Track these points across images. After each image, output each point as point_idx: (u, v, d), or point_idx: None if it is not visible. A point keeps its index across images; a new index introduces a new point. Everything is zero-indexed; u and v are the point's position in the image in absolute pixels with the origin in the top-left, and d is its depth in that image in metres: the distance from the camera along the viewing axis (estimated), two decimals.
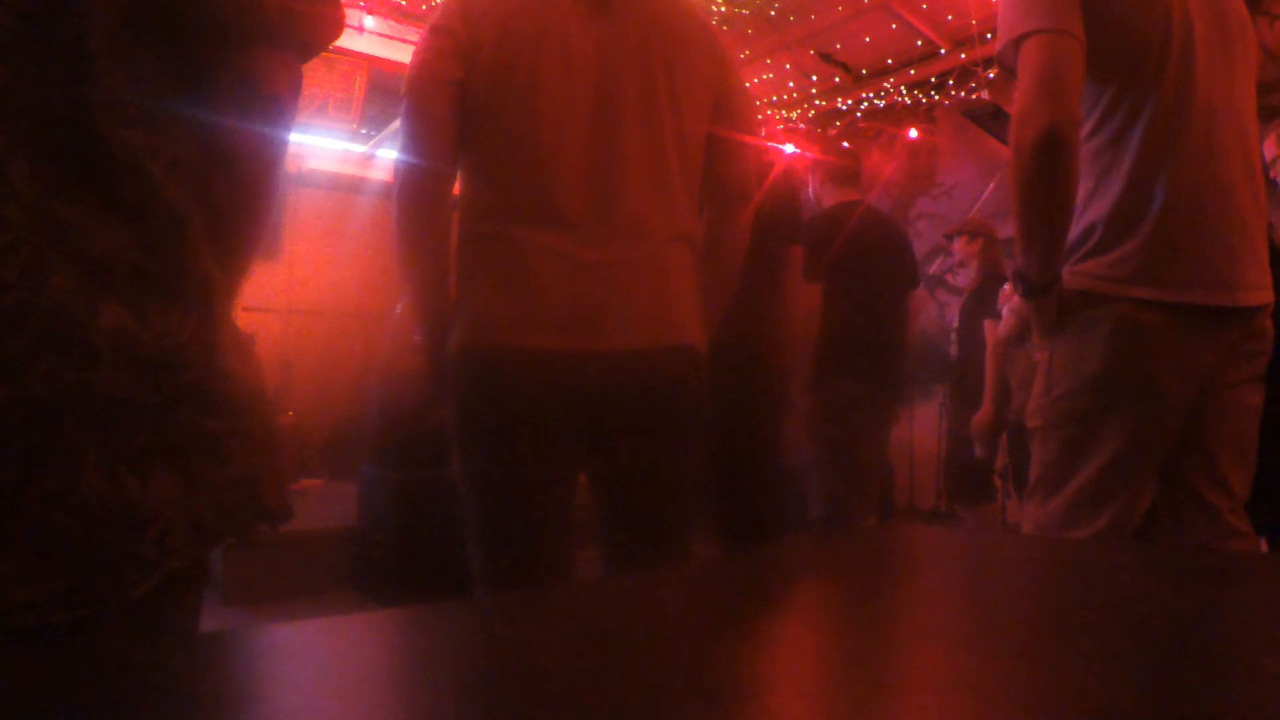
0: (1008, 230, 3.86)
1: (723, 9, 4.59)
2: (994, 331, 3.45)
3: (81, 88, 0.53)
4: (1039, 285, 1.40)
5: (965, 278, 4.01)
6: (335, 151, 5.60)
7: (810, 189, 3.13)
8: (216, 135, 0.61)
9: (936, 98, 5.22)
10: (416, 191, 1.33)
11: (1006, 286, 3.53)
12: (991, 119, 5.10)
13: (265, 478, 0.62)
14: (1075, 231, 1.41)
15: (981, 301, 3.71)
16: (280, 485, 0.64)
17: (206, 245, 0.60)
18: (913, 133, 5.66)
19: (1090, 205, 1.40)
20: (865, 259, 2.86)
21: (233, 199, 0.63)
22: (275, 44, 0.63)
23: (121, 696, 0.34)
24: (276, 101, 0.63)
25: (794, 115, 5.77)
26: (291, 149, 5.41)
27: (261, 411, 0.63)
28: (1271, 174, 2.10)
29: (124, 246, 0.54)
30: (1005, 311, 3.31)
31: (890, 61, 5.24)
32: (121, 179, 0.55)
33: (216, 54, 0.60)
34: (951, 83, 5.03)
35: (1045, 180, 1.30)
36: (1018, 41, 1.32)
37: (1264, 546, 1.94)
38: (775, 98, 5.62)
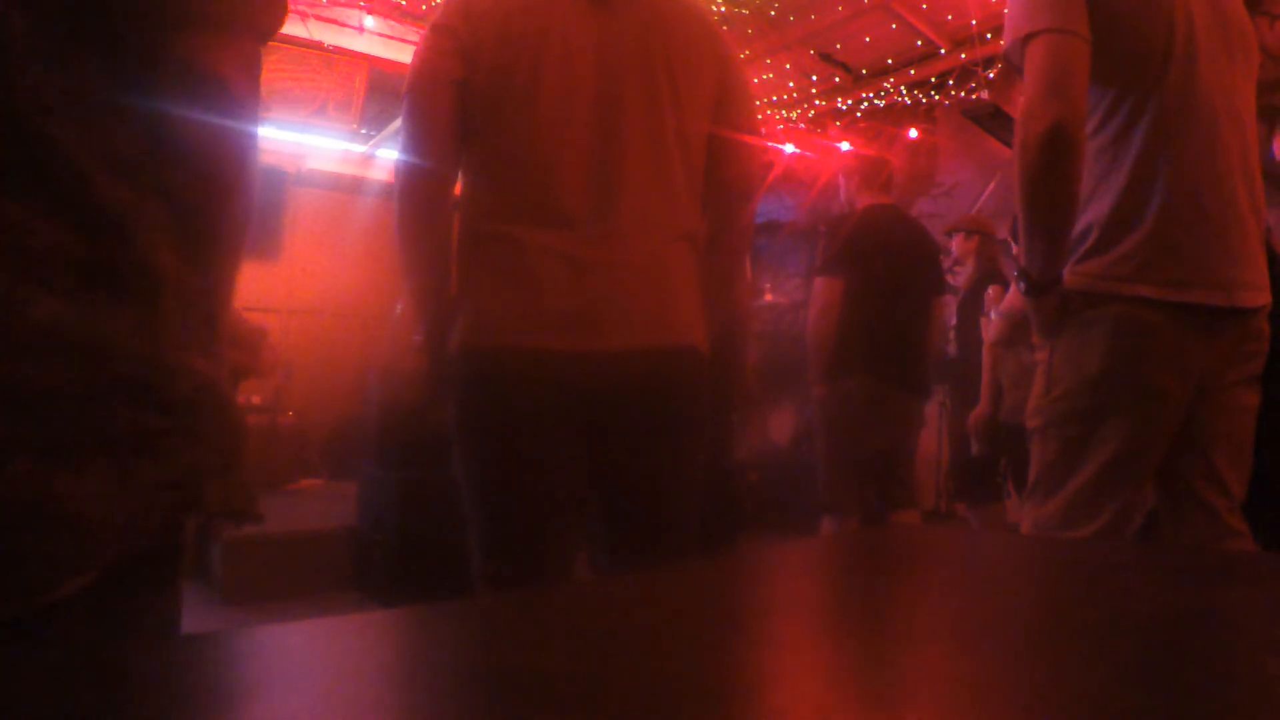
0: (1005, 230, 3.86)
1: (723, 9, 4.58)
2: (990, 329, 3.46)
3: (3, 85, 0.52)
4: (1040, 283, 1.40)
5: (964, 276, 4.01)
6: (335, 151, 5.61)
7: (842, 192, 3.19)
8: (168, 126, 0.59)
9: (936, 98, 5.21)
10: (418, 191, 1.33)
11: (992, 289, 3.54)
12: (991, 119, 5.09)
13: (209, 478, 0.60)
14: (1075, 230, 1.41)
15: (978, 299, 3.72)
16: (231, 486, 0.62)
17: (160, 238, 0.58)
18: (913, 133, 5.66)
19: (1091, 204, 1.40)
20: (889, 260, 2.90)
21: (194, 190, 0.61)
22: (216, 29, 0.61)
23: (121, 696, 0.34)
24: (224, 86, 0.61)
25: (794, 115, 5.76)
26: (292, 149, 5.43)
27: (216, 409, 0.61)
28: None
29: (65, 241, 0.54)
30: (994, 314, 3.32)
31: (890, 61, 5.23)
32: (55, 176, 0.54)
33: (155, 42, 0.58)
34: (951, 83, 5.02)
35: (1050, 177, 1.31)
36: (1025, 40, 1.33)
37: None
38: (775, 98, 5.61)
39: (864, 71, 5.41)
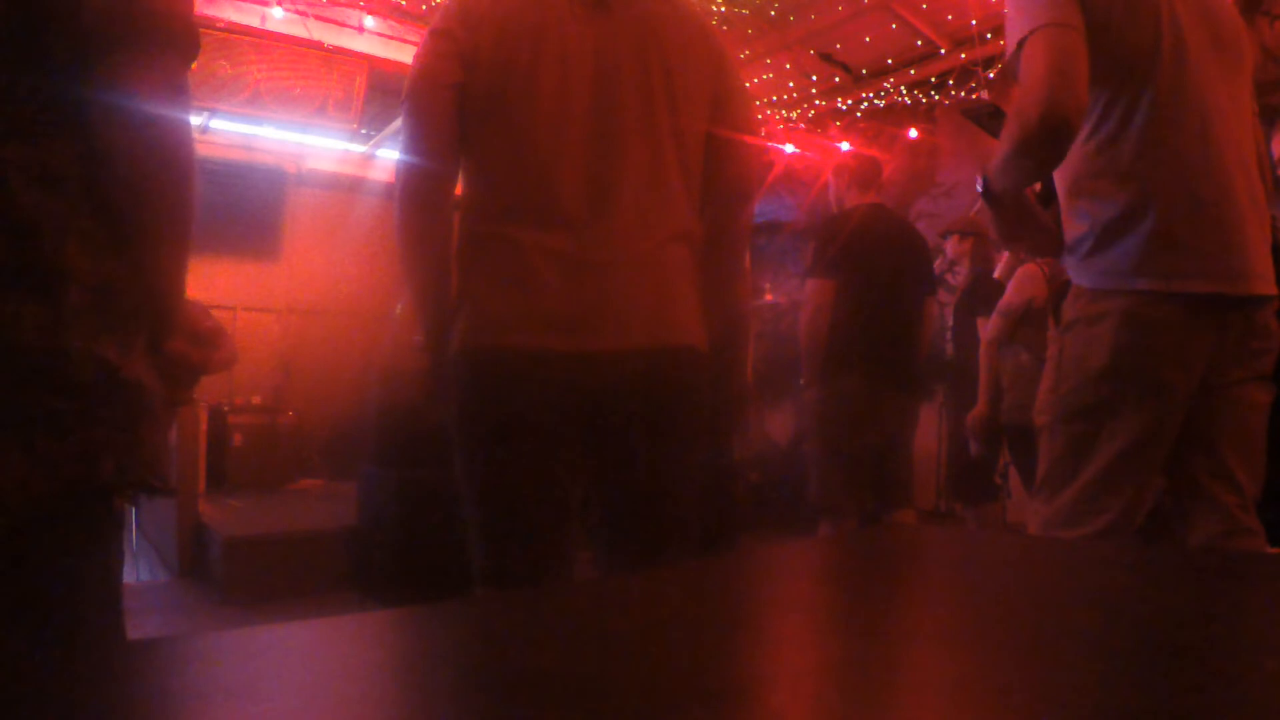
0: None
1: (723, 9, 4.58)
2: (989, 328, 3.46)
3: None
4: (997, 194, 1.45)
5: (960, 277, 4.01)
6: (335, 151, 5.61)
7: (832, 191, 3.18)
8: (95, 140, 0.67)
9: (936, 98, 5.21)
10: (418, 193, 1.34)
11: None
12: (991, 119, 5.08)
13: (107, 454, 0.68)
14: (1078, 230, 1.43)
15: (974, 300, 3.72)
16: (131, 462, 0.69)
17: (76, 240, 0.66)
18: (913, 133, 5.66)
19: (1090, 205, 1.42)
20: (880, 260, 2.90)
21: (121, 198, 0.69)
22: (136, 48, 0.67)
23: (122, 695, 0.34)
24: (147, 101, 0.68)
25: (794, 115, 5.76)
26: (292, 149, 5.42)
27: (118, 393, 0.68)
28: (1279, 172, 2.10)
29: None
30: (994, 314, 3.32)
31: (890, 61, 5.22)
32: None
33: (79, 62, 0.65)
34: (951, 83, 5.02)
35: (1041, 153, 1.34)
36: (1023, 42, 1.34)
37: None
38: (775, 98, 5.60)
39: (864, 71, 5.40)
